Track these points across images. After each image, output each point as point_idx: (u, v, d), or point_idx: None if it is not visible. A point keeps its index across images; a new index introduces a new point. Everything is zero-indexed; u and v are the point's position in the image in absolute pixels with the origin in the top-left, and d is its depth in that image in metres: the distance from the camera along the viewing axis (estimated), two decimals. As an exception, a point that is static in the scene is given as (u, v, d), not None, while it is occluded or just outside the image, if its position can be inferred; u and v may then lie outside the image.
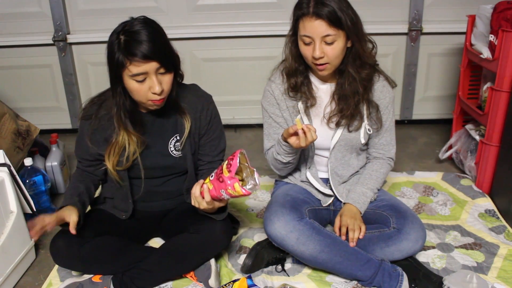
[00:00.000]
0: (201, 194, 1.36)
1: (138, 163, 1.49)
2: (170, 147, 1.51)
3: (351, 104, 1.49)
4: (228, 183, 1.27)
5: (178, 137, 1.51)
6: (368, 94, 1.52)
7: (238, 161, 1.26)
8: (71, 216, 1.38)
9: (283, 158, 1.52)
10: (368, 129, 1.56)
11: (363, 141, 1.57)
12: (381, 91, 1.54)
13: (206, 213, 1.44)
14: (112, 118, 1.44)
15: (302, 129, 1.36)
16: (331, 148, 1.58)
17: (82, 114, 1.50)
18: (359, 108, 1.52)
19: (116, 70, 1.33)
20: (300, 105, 1.55)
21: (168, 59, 1.34)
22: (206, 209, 1.38)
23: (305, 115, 1.55)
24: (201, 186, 1.36)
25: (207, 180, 1.35)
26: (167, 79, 1.36)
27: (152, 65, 1.30)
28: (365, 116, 1.54)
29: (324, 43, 1.38)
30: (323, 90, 1.56)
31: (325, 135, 1.57)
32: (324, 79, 1.54)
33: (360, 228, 1.51)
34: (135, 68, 1.30)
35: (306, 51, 1.43)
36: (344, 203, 1.62)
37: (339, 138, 1.56)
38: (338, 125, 1.54)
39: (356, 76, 1.46)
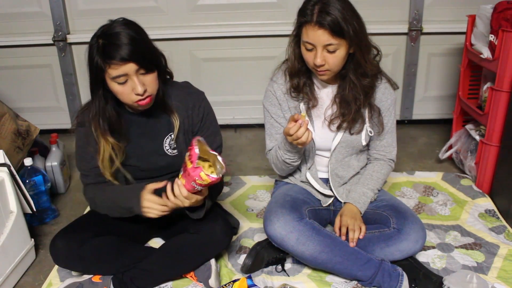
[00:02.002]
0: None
1: (134, 165, 1.49)
2: (165, 146, 1.51)
3: (353, 109, 1.49)
4: (193, 174, 1.26)
5: (172, 136, 1.51)
6: (370, 99, 1.52)
7: (197, 149, 1.26)
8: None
9: (284, 154, 1.52)
10: (370, 131, 1.56)
11: (364, 143, 1.57)
12: (382, 93, 1.54)
13: (188, 212, 1.43)
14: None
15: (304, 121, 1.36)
16: (332, 150, 1.58)
17: (76, 122, 1.47)
18: (360, 112, 1.52)
19: (96, 73, 1.33)
20: (302, 106, 1.55)
21: (147, 59, 1.32)
22: (189, 204, 1.35)
23: (307, 116, 1.55)
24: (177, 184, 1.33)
25: (180, 176, 1.34)
26: (149, 79, 1.35)
27: (131, 67, 1.29)
28: (366, 119, 1.54)
29: (326, 51, 1.38)
30: (325, 92, 1.55)
31: (326, 137, 1.57)
32: (326, 81, 1.54)
33: (360, 228, 1.51)
34: (114, 71, 1.29)
35: (308, 56, 1.43)
36: (344, 203, 1.62)
37: (340, 140, 1.56)
38: (339, 128, 1.54)
39: (356, 83, 1.46)
